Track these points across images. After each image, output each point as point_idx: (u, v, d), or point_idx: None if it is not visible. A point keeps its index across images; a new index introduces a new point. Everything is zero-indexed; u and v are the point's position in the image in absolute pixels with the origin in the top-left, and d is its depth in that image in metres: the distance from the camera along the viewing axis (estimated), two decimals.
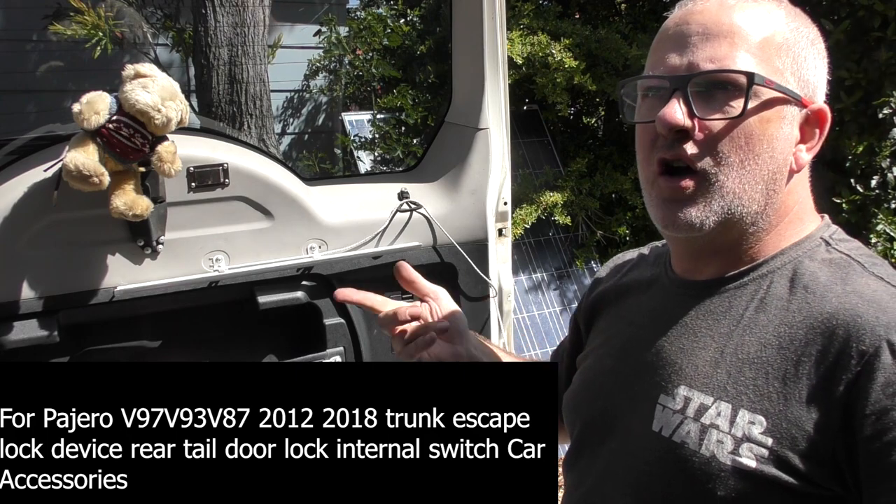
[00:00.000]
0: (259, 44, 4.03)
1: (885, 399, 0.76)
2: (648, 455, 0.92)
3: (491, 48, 1.79)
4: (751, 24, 0.88)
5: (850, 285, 0.84)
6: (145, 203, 1.48)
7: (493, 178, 1.87)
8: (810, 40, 0.91)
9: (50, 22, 4.21)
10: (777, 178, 0.89)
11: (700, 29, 0.89)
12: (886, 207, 4.10)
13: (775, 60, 0.88)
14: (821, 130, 0.92)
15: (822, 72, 0.93)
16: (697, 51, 0.88)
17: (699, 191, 0.88)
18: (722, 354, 0.89)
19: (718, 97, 0.87)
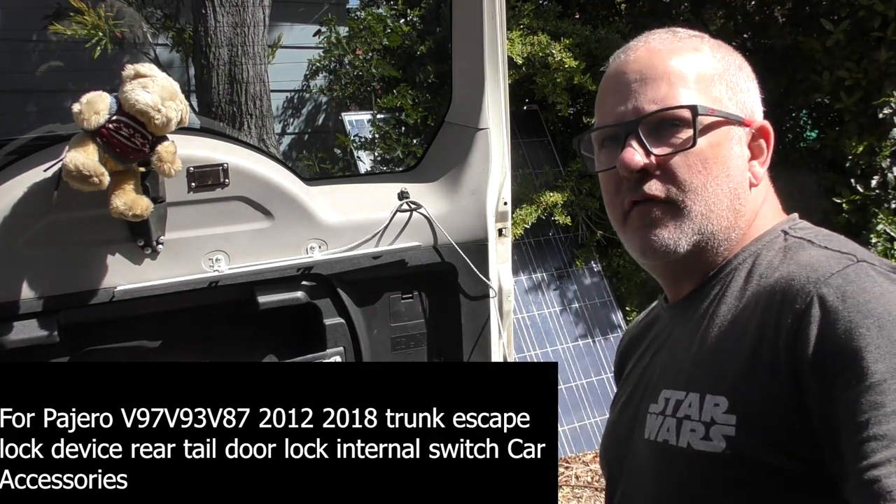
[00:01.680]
0: (259, 44, 4.03)
1: (819, 353, 0.78)
2: (644, 463, 0.96)
3: (491, 48, 1.79)
4: (682, 63, 0.96)
5: (794, 257, 0.89)
6: (145, 203, 1.48)
7: (493, 178, 1.87)
8: (737, 66, 0.99)
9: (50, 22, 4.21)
10: (739, 192, 0.95)
11: (637, 76, 0.96)
12: (886, 207, 4.10)
13: (712, 91, 0.95)
14: (767, 144, 0.98)
15: (754, 92, 1.00)
16: (640, 95, 0.95)
17: (669, 215, 0.94)
18: (690, 352, 0.94)
19: (668, 133, 0.93)
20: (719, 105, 0.95)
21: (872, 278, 0.81)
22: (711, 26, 4.83)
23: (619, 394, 1.13)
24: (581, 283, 4.29)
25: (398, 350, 1.87)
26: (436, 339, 1.89)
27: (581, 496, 3.58)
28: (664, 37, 0.99)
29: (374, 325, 1.83)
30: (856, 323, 0.77)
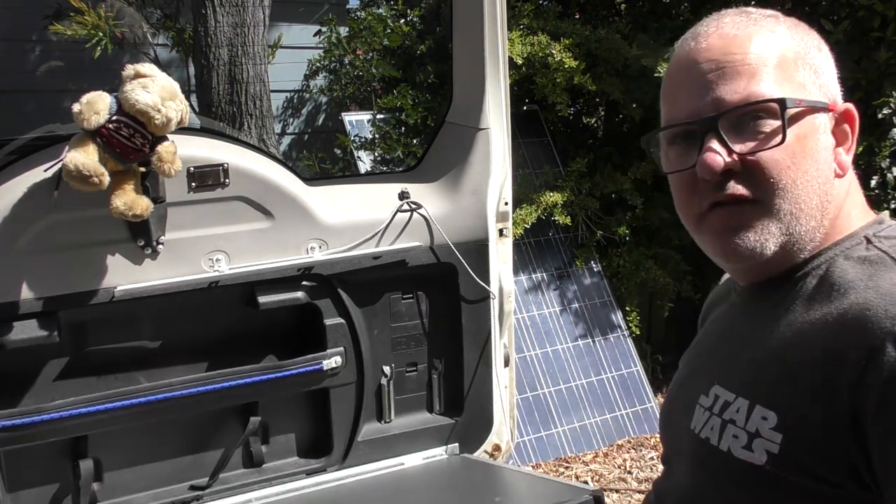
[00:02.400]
0: (259, 44, 4.03)
1: (888, 395, 0.74)
2: (686, 451, 0.96)
3: (492, 48, 1.79)
4: (762, 49, 0.88)
5: (873, 280, 0.82)
6: (145, 203, 1.48)
7: (494, 179, 1.87)
8: (817, 47, 0.92)
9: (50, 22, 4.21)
10: (827, 187, 0.88)
11: (712, 66, 0.88)
12: (886, 207, 4.10)
13: (795, 76, 0.88)
14: (852, 129, 0.91)
15: (834, 73, 0.93)
16: (718, 88, 0.87)
17: (755, 216, 0.88)
18: (753, 354, 0.90)
19: (751, 128, 0.87)
20: (803, 92, 0.87)
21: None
22: None
23: (690, 356, 1.10)
24: (581, 284, 4.29)
25: (398, 350, 1.87)
26: (436, 339, 1.89)
27: None
28: (737, 19, 0.91)
29: (375, 326, 1.84)
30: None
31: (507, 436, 2.00)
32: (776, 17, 0.92)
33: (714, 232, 0.91)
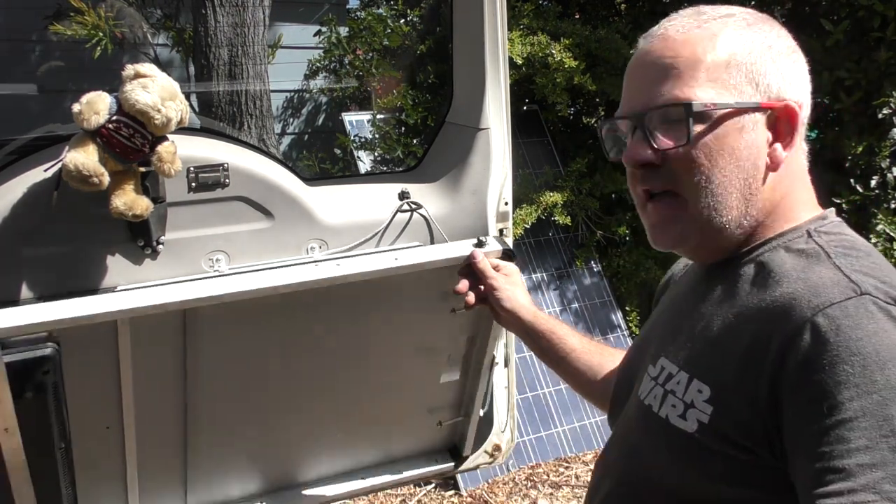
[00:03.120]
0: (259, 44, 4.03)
1: (801, 378, 0.82)
2: (631, 415, 1.07)
3: (492, 48, 1.79)
4: (694, 52, 0.94)
5: (805, 272, 0.89)
6: (145, 203, 1.48)
7: (494, 179, 1.87)
8: (767, 46, 0.95)
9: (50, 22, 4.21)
10: (750, 182, 0.94)
11: (650, 67, 0.97)
12: (886, 207, 4.10)
13: (728, 79, 0.93)
14: (792, 125, 0.95)
15: (786, 69, 0.96)
16: (650, 88, 0.96)
17: (677, 209, 0.97)
18: (697, 332, 0.98)
19: (672, 128, 0.94)
20: (730, 94, 0.92)
21: (871, 314, 0.82)
22: None
23: (647, 326, 1.21)
24: (581, 283, 4.29)
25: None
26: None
27: (581, 496, 3.58)
28: (685, 21, 0.97)
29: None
30: (842, 358, 0.80)
31: (507, 436, 2.00)
32: (727, 18, 0.96)
33: (648, 224, 1.02)
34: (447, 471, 1.93)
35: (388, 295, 1.67)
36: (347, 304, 1.65)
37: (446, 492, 3.55)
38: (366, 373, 1.77)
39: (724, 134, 0.93)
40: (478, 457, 1.97)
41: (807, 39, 4.15)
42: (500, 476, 3.68)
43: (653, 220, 1.00)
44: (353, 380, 1.76)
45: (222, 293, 1.48)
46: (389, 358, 1.78)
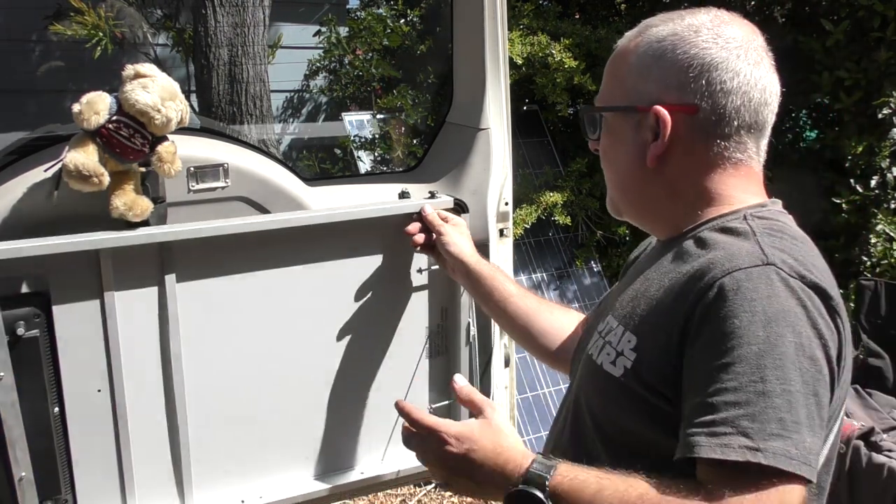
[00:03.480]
0: (259, 44, 4.03)
1: (701, 327, 0.94)
2: (580, 366, 1.19)
3: (492, 48, 1.79)
4: (616, 63, 1.12)
5: (729, 245, 1.00)
6: (145, 203, 1.48)
7: (494, 179, 1.87)
8: (657, 57, 1.06)
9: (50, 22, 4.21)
10: (633, 177, 1.11)
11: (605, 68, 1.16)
12: (886, 207, 4.10)
13: (620, 88, 1.10)
14: (661, 128, 1.05)
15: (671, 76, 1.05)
16: (601, 88, 1.16)
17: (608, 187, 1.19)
18: (639, 293, 1.10)
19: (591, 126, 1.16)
20: (620, 100, 1.09)
21: (771, 281, 0.93)
22: None
23: (606, 294, 1.37)
24: (581, 283, 4.29)
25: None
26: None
27: None
28: (622, 41, 1.13)
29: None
30: (735, 313, 0.91)
31: None
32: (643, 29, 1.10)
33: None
34: None
35: (360, 259, 1.73)
36: (318, 269, 1.69)
37: (446, 492, 3.55)
38: (346, 351, 1.76)
39: (611, 134, 1.12)
40: None
41: (807, 39, 4.16)
42: None
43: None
44: (333, 362, 1.75)
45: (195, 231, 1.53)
46: (369, 334, 1.77)
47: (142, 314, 1.54)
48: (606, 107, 1.11)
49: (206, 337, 1.61)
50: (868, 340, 3.29)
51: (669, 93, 1.04)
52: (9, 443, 1.42)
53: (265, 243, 1.62)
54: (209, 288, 1.59)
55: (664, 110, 1.04)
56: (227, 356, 1.64)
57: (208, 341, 1.61)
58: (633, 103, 1.07)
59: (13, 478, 1.43)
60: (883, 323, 3.30)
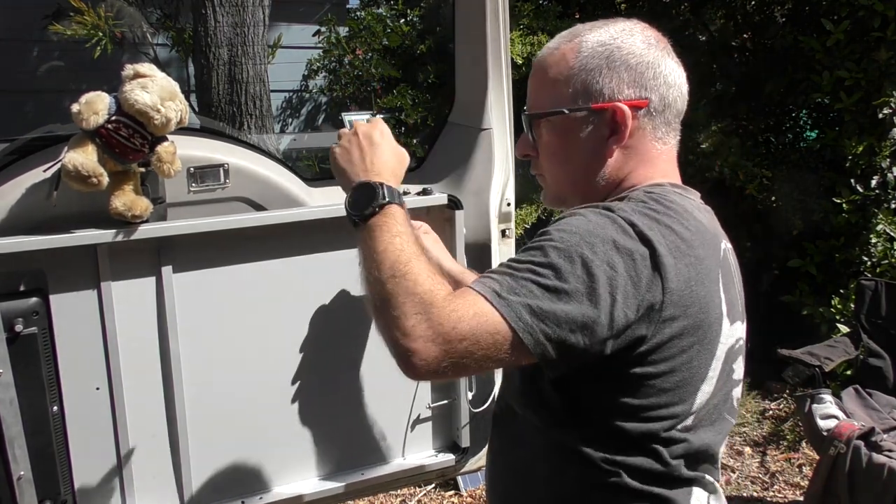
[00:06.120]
0: (259, 44, 4.03)
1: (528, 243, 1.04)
2: None
3: (494, 48, 1.79)
4: (545, 68, 1.16)
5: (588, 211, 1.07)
6: (144, 204, 1.47)
7: (497, 179, 1.87)
8: (605, 58, 1.12)
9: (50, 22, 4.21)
10: (589, 170, 1.14)
11: (534, 76, 1.19)
12: (886, 207, 4.10)
13: (567, 90, 1.13)
14: (621, 123, 1.11)
15: (623, 74, 1.12)
16: (531, 93, 1.19)
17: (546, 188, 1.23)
18: None
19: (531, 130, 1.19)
20: (569, 102, 1.12)
21: (596, 212, 1.02)
22: (711, 26, 4.83)
23: None
24: None
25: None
26: None
27: None
28: (550, 44, 1.17)
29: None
30: (551, 225, 1.03)
31: None
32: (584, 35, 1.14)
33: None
34: (448, 465, 1.92)
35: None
36: (318, 265, 1.69)
37: (446, 492, 3.55)
38: (345, 349, 1.76)
39: (563, 134, 1.14)
40: (479, 459, 1.96)
41: (807, 39, 4.16)
42: None
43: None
44: (332, 358, 1.75)
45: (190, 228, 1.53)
46: (368, 331, 1.77)
47: (139, 309, 1.54)
48: (564, 109, 1.13)
49: (204, 336, 1.61)
50: (868, 340, 3.29)
51: (623, 89, 1.11)
52: (7, 441, 1.41)
53: (265, 239, 1.62)
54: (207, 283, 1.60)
55: (624, 106, 1.10)
56: (226, 355, 1.63)
57: (207, 341, 1.61)
58: (587, 103, 1.12)
59: (12, 476, 1.43)
60: (883, 323, 3.29)
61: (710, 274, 1.05)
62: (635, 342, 0.99)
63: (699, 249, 1.04)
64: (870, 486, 2.59)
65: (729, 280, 1.12)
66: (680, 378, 1.03)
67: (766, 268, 4.82)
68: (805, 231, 4.32)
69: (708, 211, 1.17)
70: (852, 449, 2.63)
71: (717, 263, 1.08)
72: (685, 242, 1.02)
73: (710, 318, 1.04)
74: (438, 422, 1.92)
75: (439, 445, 1.94)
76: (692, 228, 1.05)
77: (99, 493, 1.58)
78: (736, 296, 1.15)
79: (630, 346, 0.99)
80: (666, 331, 1.00)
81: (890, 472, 2.54)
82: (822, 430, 2.77)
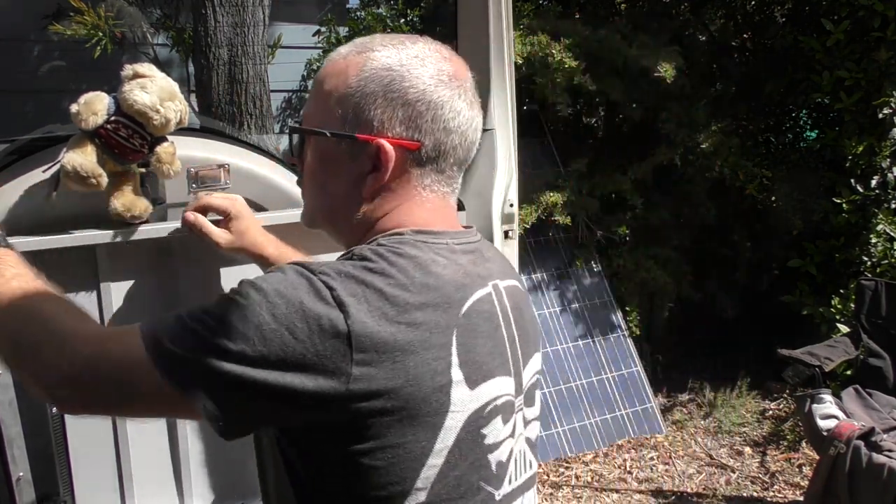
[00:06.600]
0: (259, 44, 4.02)
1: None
2: None
3: (497, 49, 1.79)
4: (321, 84, 1.04)
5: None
6: (144, 204, 1.47)
7: (499, 180, 1.86)
8: (385, 85, 1.00)
9: (50, 22, 4.20)
10: (345, 204, 1.04)
11: (312, 84, 1.08)
12: (886, 207, 4.10)
13: (337, 111, 1.01)
14: (382, 162, 1.00)
15: (398, 109, 1.00)
16: (306, 102, 1.09)
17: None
18: None
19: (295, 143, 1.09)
20: (337, 124, 1.01)
21: (296, 270, 0.92)
22: (711, 26, 4.83)
23: None
24: (581, 284, 4.29)
25: None
26: None
27: (581, 496, 3.58)
28: (341, 49, 1.05)
29: None
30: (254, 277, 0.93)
31: None
32: (363, 50, 1.02)
33: None
34: None
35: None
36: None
37: None
38: None
39: (322, 160, 1.04)
40: None
41: (807, 39, 4.16)
42: None
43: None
44: None
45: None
46: None
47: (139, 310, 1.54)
48: (326, 131, 1.03)
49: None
50: (868, 340, 3.29)
51: (395, 126, 1.00)
52: (6, 442, 1.41)
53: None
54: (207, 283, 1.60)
55: (389, 145, 0.99)
56: None
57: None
58: (353, 131, 1.00)
59: (11, 477, 1.43)
60: (883, 323, 3.30)
61: (433, 339, 0.92)
62: (326, 417, 0.89)
63: (417, 313, 0.92)
64: (870, 486, 2.59)
65: (484, 333, 0.99)
66: (393, 455, 0.91)
67: (766, 268, 4.83)
68: (805, 231, 4.32)
69: (472, 252, 1.04)
70: (852, 449, 2.63)
71: (454, 323, 0.95)
72: (397, 307, 0.90)
73: (422, 391, 0.91)
74: None
75: None
76: (415, 289, 0.93)
77: (99, 493, 1.58)
78: (502, 347, 1.02)
79: (324, 421, 0.90)
80: (363, 406, 0.88)
81: (890, 472, 2.54)
82: (822, 430, 2.77)
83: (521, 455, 1.06)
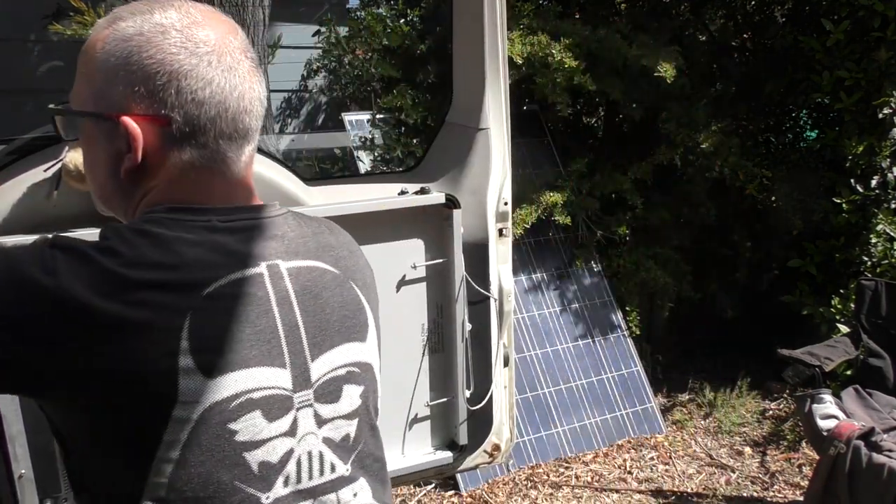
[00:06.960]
0: (259, 44, 4.02)
1: None
2: None
3: (492, 48, 1.79)
4: (82, 52, 0.96)
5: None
6: None
7: (494, 179, 1.87)
8: (124, 58, 0.92)
9: (50, 22, 4.21)
10: (110, 184, 0.98)
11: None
12: (886, 207, 4.10)
13: (87, 87, 0.95)
14: (132, 141, 0.93)
15: (138, 83, 0.92)
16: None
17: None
18: None
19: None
20: (90, 103, 0.95)
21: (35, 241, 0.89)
22: (711, 26, 4.83)
23: None
24: (581, 284, 4.29)
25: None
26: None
27: (581, 496, 3.58)
28: (100, 22, 0.96)
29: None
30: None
31: (506, 435, 2.00)
32: (112, 20, 0.94)
33: None
34: (446, 463, 1.92)
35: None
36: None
37: (446, 492, 3.55)
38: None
39: (86, 137, 0.98)
40: (477, 456, 1.97)
41: (807, 39, 4.16)
42: (500, 476, 3.68)
43: None
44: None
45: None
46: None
47: None
48: (74, 111, 0.97)
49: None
50: (868, 340, 3.29)
51: (138, 102, 0.92)
52: (8, 439, 1.42)
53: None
54: None
55: (133, 122, 0.92)
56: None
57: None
58: (102, 109, 0.93)
59: (13, 475, 1.43)
60: (883, 323, 3.30)
61: (157, 321, 0.85)
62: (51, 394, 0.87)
63: (141, 293, 0.85)
64: (870, 486, 2.59)
65: (239, 318, 0.91)
66: (120, 443, 0.87)
67: (766, 268, 4.83)
68: (805, 231, 4.32)
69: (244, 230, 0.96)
70: (852, 449, 2.64)
71: (191, 305, 0.87)
72: (113, 284, 0.84)
73: (145, 373, 0.85)
74: (437, 420, 1.92)
75: (438, 443, 1.94)
76: (144, 268, 0.86)
77: None
78: (270, 335, 0.93)
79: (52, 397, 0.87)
80: (91, 384, 0.84)
81: (890, 472, 2.54)
82: (822, 430, 2.77)
83: (310, 457, 0.96)
